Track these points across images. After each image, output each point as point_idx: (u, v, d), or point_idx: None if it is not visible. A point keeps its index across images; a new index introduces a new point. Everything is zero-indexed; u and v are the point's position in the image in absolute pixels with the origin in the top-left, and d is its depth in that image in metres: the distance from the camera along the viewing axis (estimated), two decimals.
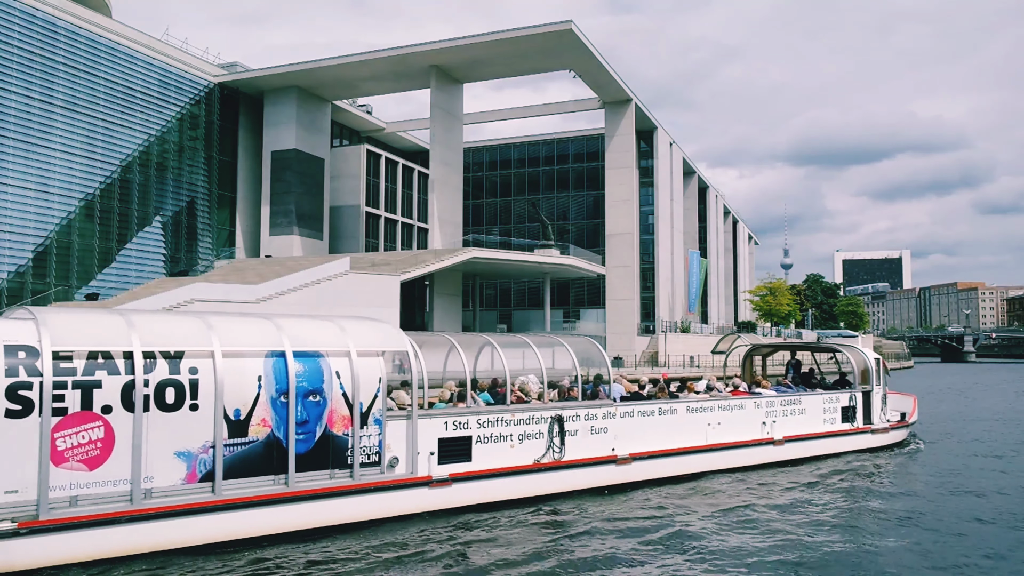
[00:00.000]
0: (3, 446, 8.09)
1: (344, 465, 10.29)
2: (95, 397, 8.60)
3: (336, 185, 60.38)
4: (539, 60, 51.73)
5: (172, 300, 35.30)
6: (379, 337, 11.28)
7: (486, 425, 11.77)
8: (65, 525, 8.30)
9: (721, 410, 15.13)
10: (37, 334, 8.56)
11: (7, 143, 40.09)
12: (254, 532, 9.59)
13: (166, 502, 8.95)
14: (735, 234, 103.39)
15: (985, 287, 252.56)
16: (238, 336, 9.98)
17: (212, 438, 9.31)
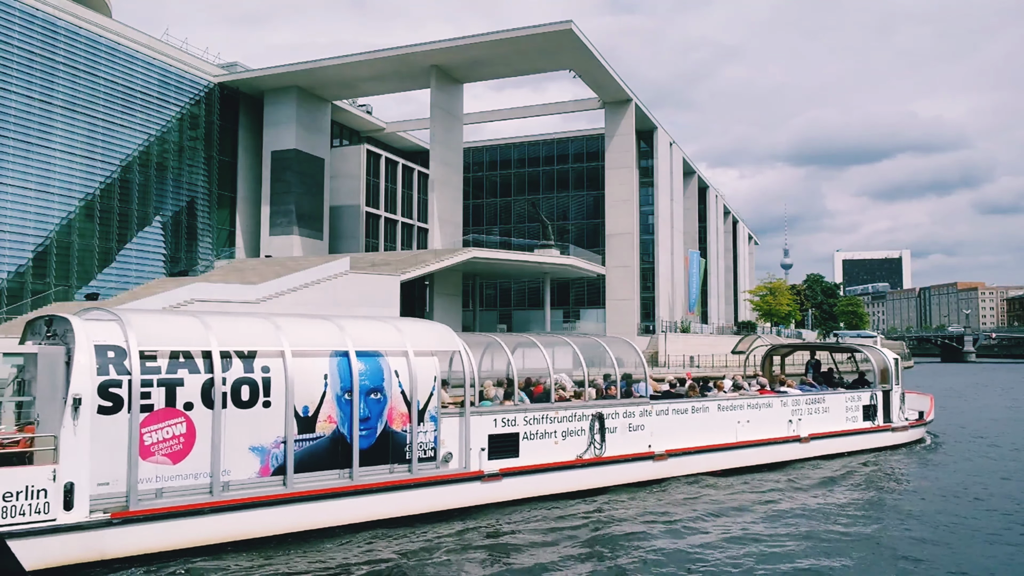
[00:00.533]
0: (96, 441, 8.46)
1: (403, 460, 10.75)
2: (178, 394, 9.06)
3: (336, 185, 60.37)
4: (539, 60, 51.73)
5: (172, 300, 35.28)
6: (434, 338, 11.79)
7: (532, 422, 12.20)
8: (153, 516, 8.70)
9: (750, 408, 15.62)
10: (124, 335, 9.03)
11: (7, 143, 40.09)
12: (321, 524, 9.96)
13: (242, 494, 9.34)
14: (735, 234, 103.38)
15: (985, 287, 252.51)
16: (305, 337, 10.44)
17: (283, 434, 9.74)
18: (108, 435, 8.57)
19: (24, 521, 7.94)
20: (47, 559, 8.06)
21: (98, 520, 8.37)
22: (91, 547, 8.36)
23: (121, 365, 8.77)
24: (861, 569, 9.23)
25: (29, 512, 7.97)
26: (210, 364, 9.33)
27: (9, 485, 7.90)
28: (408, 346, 11.09)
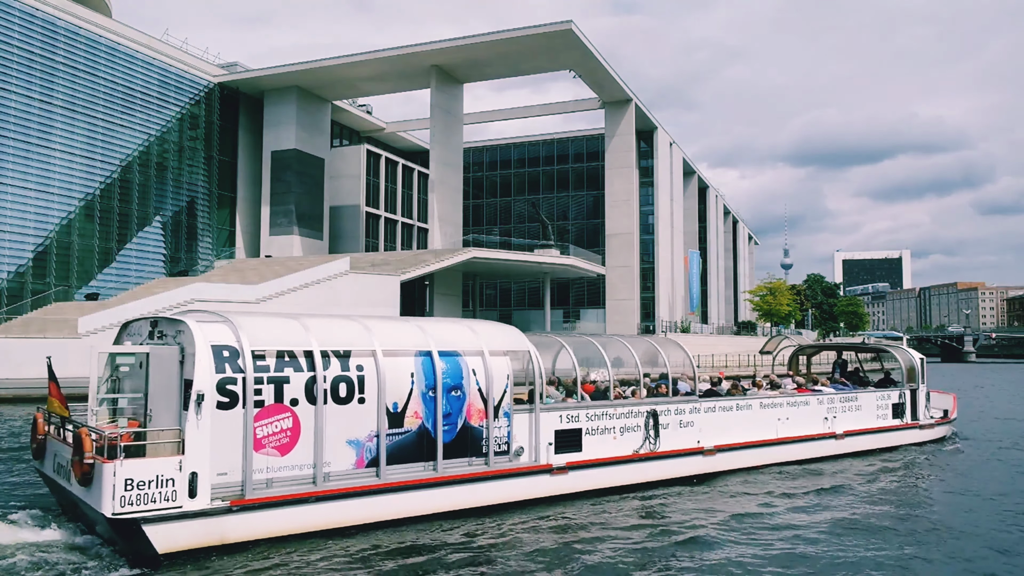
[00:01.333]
0: (216, 434, 9.11)
1: (480, 453, 11.40)
2: (285, 391, 9.71)
3: (336, 185, 60.37)
4: (539, 60, 51.74)
5: (172, 300, 35.31)
6: (506, 338, 12.50)
7: (593, 419, 12.89)
8: (265, 504, 9.37)
9: (789, 406, 16.31)
10: (236, 336, 9.60)
11: (7, 143, 40.10)
12: (409, 513, 10.60)
13: (341, 485, 10.03)
14: (735, 234, 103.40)
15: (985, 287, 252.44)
16: (393, 338, 11.09)
17: (376, 428, 10.42)
18: (225, 429, 9.22)
19: (155, 508, 8.60)
20: (176, 543, 8.72)
21: (219, 507, 9.03)
22: (213, 532, 9.02)
23: (235, 364, 9.40)
24: (908, 562, 9.68)
25: (159, 500, 8.64)
26: (312, 363, 9.98)
27: (143, 474, 8.55)
28: (484, 346, 11.79)
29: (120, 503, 8.38)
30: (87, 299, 41.94)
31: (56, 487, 10.12)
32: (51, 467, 10.15)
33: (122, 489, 8.41)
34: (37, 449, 10.53)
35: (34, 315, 38.35)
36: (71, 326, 33.11)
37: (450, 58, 50.95)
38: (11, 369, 30.64)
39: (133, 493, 8.48)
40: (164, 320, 10.38)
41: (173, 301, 35.25)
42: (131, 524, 8.42)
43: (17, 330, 35.00)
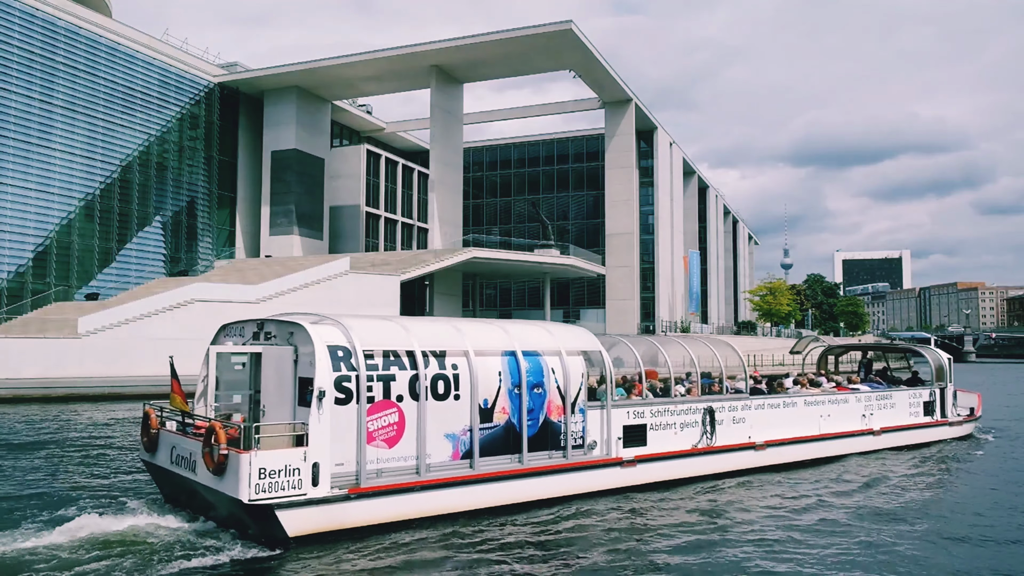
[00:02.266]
0: (335, 427, 9.87)
1: (558, 447, 12.18)
2: (392, 388, 10.51)
3: (336, 185, 60.35)
4: (539, 60, 51.73)
5: (172, 300, 35.31)
6: (580, 339, 13.29)
7: (656, 415, 13.77)
8: (377, 492, 10.15)
9: (830, 403, 17.16)
10: (348, 337, 10.35)
11: (7, 143, 40.10)
12: (498, 502, 11.31)
13: (440, 475, 10.78)
14: (735, 234, 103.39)
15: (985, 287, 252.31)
16: (482, 339, 11.85)
17: (469, 423, 11.20)
18: (342, 422, 9.99)
19: (285, 495, 9.36)
20: (303, 527, 9.49)
21: (338, 495, 9.79)
22: (334, 518, 9.80)
23: (349, 363, 10.16)
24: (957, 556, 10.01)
25: (287, 487, 9.38)
26: (414, 362, 10.75)
27: (274, 464, 9.28)
28: (560, 346, 12.58)
29: (255, 490, 9.11)
30: (87, 299, 41.93)
31: (170, 477, 10.75)
32: (166, 459, 10.75)
33: (256, 477, 9.13)
34: (149, 443, 11.16)
35: (34, 315, 38.34)
36: (71, 326, 33.11)
37: (450, 58, 50.94)
38: (11, 369, 30.65)
39: (266, 481, 9.22)
40: (271, 322, 11.19)
41: (173, 301, 35.25)
42: (265, 509, 9.20)
43: (17, 330, 34.99)
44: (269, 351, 10.78)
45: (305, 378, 10.06)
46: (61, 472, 13.93)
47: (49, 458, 15.39)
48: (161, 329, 34.45)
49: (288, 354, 10.42)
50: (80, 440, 18.15)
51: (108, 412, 24.33)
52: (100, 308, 35.72)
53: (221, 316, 38.67)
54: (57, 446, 17.02)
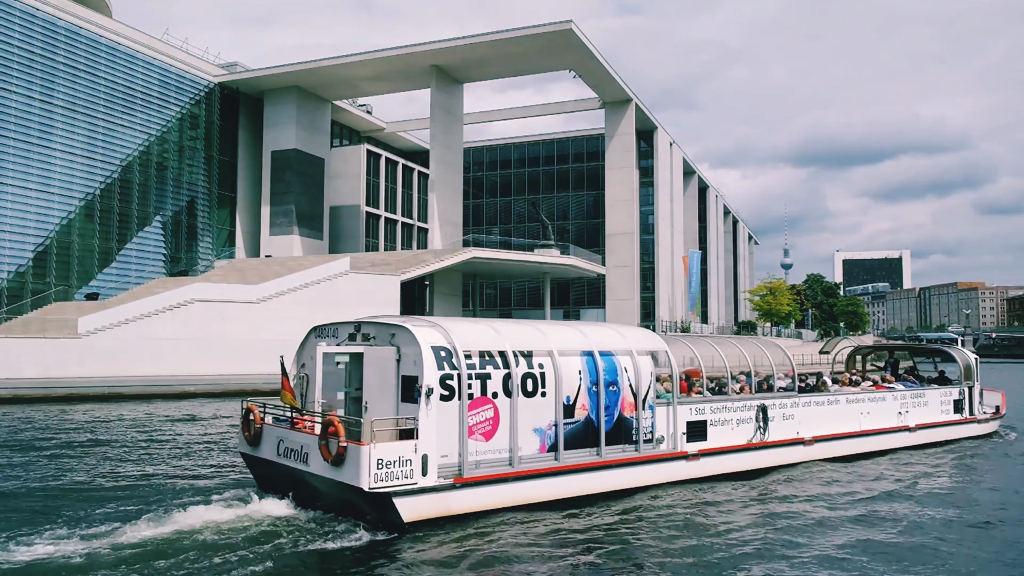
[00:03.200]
0: (440, 422, 10.69)
1: (631, 441, 13.08)
2: (488, 386, 11.34)
3: (336, 185, 60.35)
4: (539, 60, 51.72)
5: (172, 300, 35.32)
6: (647, 340, 14.28)
7: (715, 412, 14.62)
8: (478, 482, 10.97)
9: (870, 401, 18.13)
10: (448, 338, 11.18)
11: (7, 143, 40.10)
12: (579, 492, 12.14)
13: (530, 467, 11.61)
14: (735, 234, 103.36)
15: (985, 287, 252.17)
16: (563, 340, 12.71)
17: (554, 418, 12.03)
18: (446, 417, 10.80)
19: (399, 484, 10.18)
20: (416, 513, 10.30)
21: (444, 484, 10.61)
22: (441, 505, 10.61)
23: (451, 362, 10.96)
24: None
25: (401, 477, 10.20)
26: (506, 362, 11.60)
27: (389, 455, 10.12)
28: (631, 347, 13.47)
29: (374, 479, 9.96)
30: (87, 299, 41.94)
31: (275, 469, 11.59)
32: (272, 452, 11.58)
33: (375, 468, 9.97)
34: (253, 437, 11.98)
35: (34, 315, 38.35)
36: (71, 326, 33.12)
37: (450, 58, 50.94)
38: (11, 369, 30.66)
39: (383, 471, 10.06)
40: (370, 324, 12.03)
41: (173, 301, 35.26)
42: (384, 497, 10.05)
43: (17, 330, 35.00)
44: (371, 351, 11.58)
45: (408, 376, 10.91)
46: (151, 466, 14.72)
47: (133, 454, 16.21)
48: (161, 329, 34.45)
49: (391, 354, 11.21)
50: (149, 437, 18.92)
51: (147, 411, 24.93)
52: (100, 308, 35.72)
53: (221, 316, 38.78)
54: (127, 444, 17.71)
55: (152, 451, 16.78)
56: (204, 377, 33.67)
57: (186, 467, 14.88)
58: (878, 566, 9.42)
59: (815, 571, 9.20)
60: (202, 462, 15.50)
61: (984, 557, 9.98)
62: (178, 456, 16.21)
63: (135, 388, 29.37)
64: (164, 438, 18.85)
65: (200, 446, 17.77)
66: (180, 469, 14.62)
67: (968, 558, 9.89)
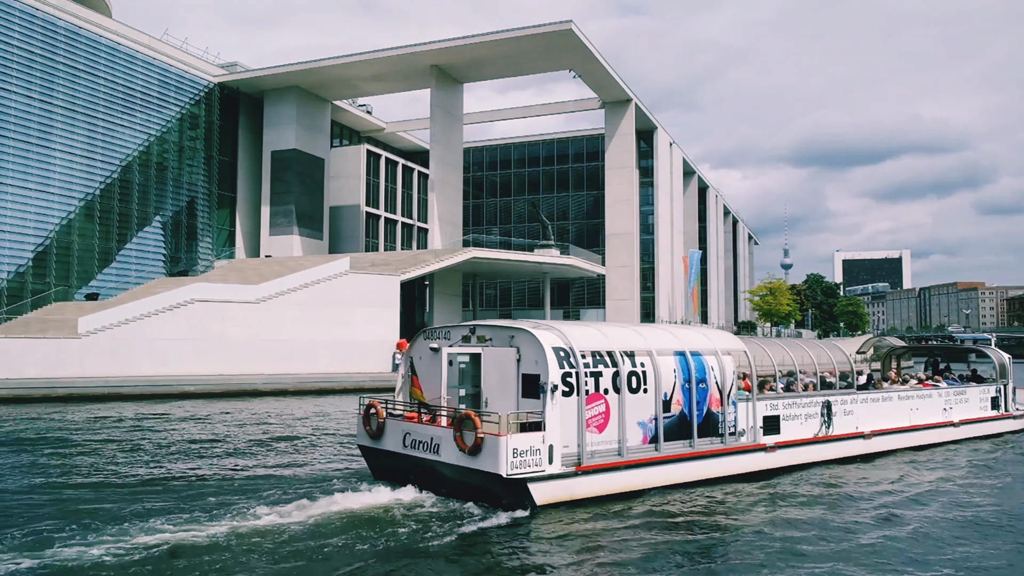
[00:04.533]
0: (563, 416, 11.79)
1: (717, 434, 14.20)
2: (600, 383, 12.46)
3: (336, 185, 60.36)
4: (539, 60, 51.73)
5: (172, 300, 35.32)
6: (729, 341, 15.52)
7: (787, 407, 15.76)
8: (594, 470, 12.13)
9: (919, 398, 19.32)
10: (566, 340, 12.27)
11: (7, 143, 40.10)
12: (675, 480, 13.31)
13: (636, 456, 12.77)
14: (735, 234, 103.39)
15: (985, 287, 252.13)
16: (659, 341, 13.89)
17: (654, 413, 13.20)
18: (567, 412, 11.88)
19: (533, 470, 11.30)
20: (546, 497, 11.44)
21: (568, 471, 11.74)
22: (565, 490, 11.76)
23: (569, 362, 12.04)
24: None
25: (532, 465, 11.30)
26: (614, 361, 12.78)
27: (522, 446, 11.21)
28: (716, 347, 14.65)
29: (510, 467, 11.05)
30: (87, 299, 41.95)
31: (399, 459, 12.70)
32: (397, 444, 12.73)
33: (511, 456, 11.05)
34: (375, 431, 13.13)
35: (34, 315, 38.35)
36: (71, 326, 33.12)
37: (450, 58, 50.95)
38: (11, 369, 30.67)
39: (517, 459, 11.13)
40: (486, 327, 13.16)
41: (173, 301, 35.26)
42: (520, 483, 11.14)
43: (17, 330, 35.00)
44: (490, 352, 12.77)
45: (528, 375, 12.05)
46: (263, 461, 15.77)
47: (238, 450, 17.37)
48: (161, 329, 34.47)
49: (511, 355, 12.40)
50: (241, 434, 20.18)
51: (225, 409, 25.93)
52: (100, 308, 35.73)
53: (221, 316, 38.70)
54: (238, 440, 18.96)
55: (269, 446, 18.09)
56: (204, 377, 33.67)
57: (304, 460, 16.11)
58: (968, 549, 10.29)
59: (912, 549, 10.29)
60: (317, 455, 16.87)
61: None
62: (299, 449, 17.68)
63: (135, 388, 29.38)
64: (266, 435, 20.10)
65: (303, 440, 19.25)
66: (299, 462, 15.79)
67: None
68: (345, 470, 14.55)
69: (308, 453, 17.08)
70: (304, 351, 37.96)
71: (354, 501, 11.46)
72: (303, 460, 16.03)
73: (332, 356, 38.84)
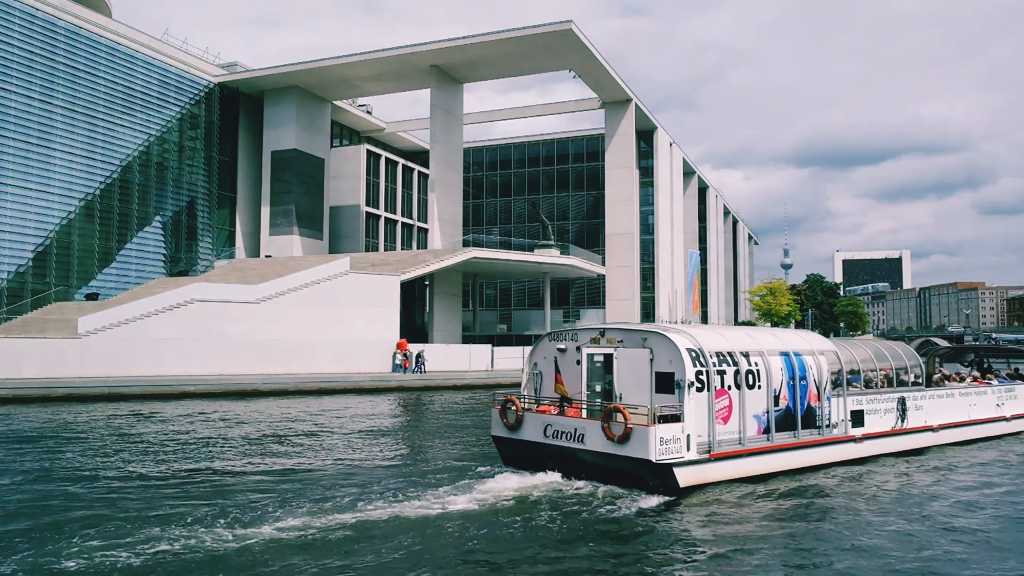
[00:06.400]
0: (697, 409, 13.32)
1: (815, 426, 15.73)
2: (724, 380, 14.01)
3: (336, 185, 60.35)
4: (539, 60, 51.70)
5: (172, 300, 35.31)
6: (822, 342, 17.15)
7: (870, 403, 17.26)
8: (723, 457, 13.68)
9: (976, 395, 20.91)
10: (696, 342, 13.74)
11: (7, 143, 40.10)
12: (784, 467, 14.93)
13: (753, 446, 14.35)
14: (735, 234, 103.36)
15: (985, 287, 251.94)
16: (768, 342, 15.50)
17: (767, 407, 14.77)
18: (699, 405, 13.39)
19: (676, 457, 12.80)
20: (687, 480, 12.93)
21: (702, 458, 13.28)
22: (700, 474, 13.28)
23: (700, 361, 13.55)
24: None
25: (674, 452, 12.80)
26: (735, 360, 14.33)
27: (667, 435, 12.72)
28: (813, 347, 16.29)
29: (658, 454, 12.55)
30: (87, 299, 41.95)
31: (537, 448, 14.10)
32: (538, 434, 14.15)
33: (659, 444, 12.56)
34: (514, 423, 14.56)
35: (34, 315, 38.35)
36: (71, 326, 33.13)
37: (450, 58, 50.93)
38: (11, 369, 30.67)
39: (663, 447, 12.64)
40: (617, 330, 14.69)
41: (173, 301, 35.26)
42: (667, 467, 12.65)
43: (17, 330, 35.01)
44: (624, 352, 14.29)
45: (661, 372, 13.57)
46: (398, 454, 17.27)
47: (372, 441, 18.88)
48: (161, 329, 34.46)
49: (645, 355, 13.90)
50: (354, 428, 21.72)
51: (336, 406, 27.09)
52: (100, 308, 35.73)
53: (221, 316, 38.67)
54: (353, 434, 20.42)
55: (400, 436, 20.06)
56: (204, 377, 33.67)
57: (429, 450, 17.86)
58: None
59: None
60: (451, 445, 18.56)
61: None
62: (437, 435, 19.87)
63: (135, 388, 29.37)
64: (375, 426, 21.97)
65: (408, 432, 21.13)
66: (430, 452, 17.46)
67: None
68: (477, 457, 16.30)
69: (430, 443, 18.88)
70: (304, 351, 37.97)
71: (504, 484, 12.98)
72: (430, 450, 17.77)
73: (332, 356, 38.84)
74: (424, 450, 17.84)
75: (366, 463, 15.76)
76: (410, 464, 15.62)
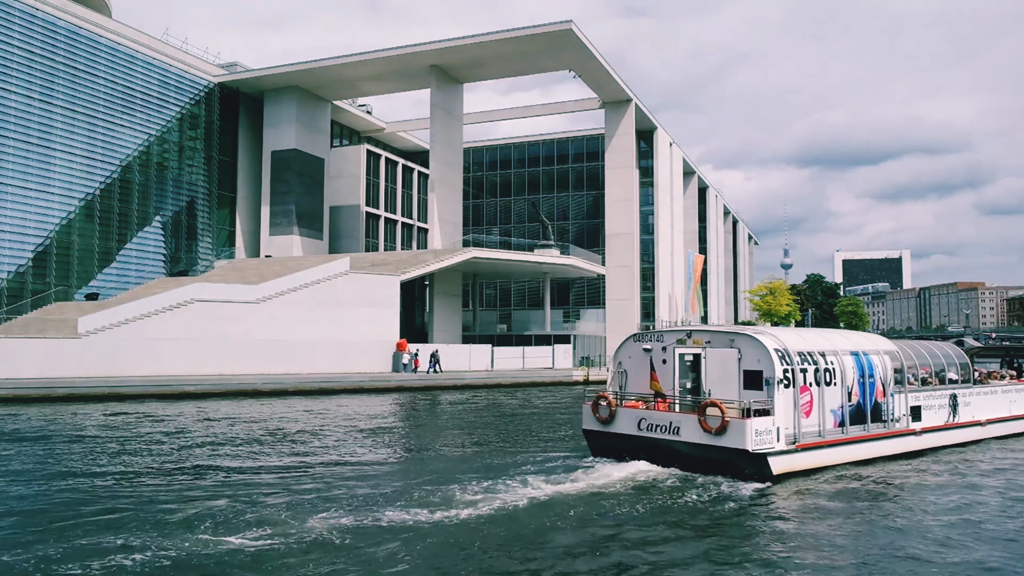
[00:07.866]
0: (784, 404, 14.52)
1: (881, 420, 17.07)
2: (806, 377, 15.16)
3: (336, 185, 60.35)
4: (539, 60, 51.70)
5: (172, 300, 35.32)
6: (885, 342, 18.45)
7: (926, 399, 18.54)
8: (807, 448, 14.88)
9: (1017, 392, 22.49)
10: (781, 343, 15.01)
11: (7, 143, 40.10)
12: (857, 457, 16.10)
13: (831, 437, 15.59)
14: (735, 234, 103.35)
15: (985, 287, 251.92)
16: (840, 343, 16.85)
17: (841, 402, 15.99)
18: (786, 400, 14.60)
19: (768, 447, 13.97)
20: (779, 468, 14.08)
21: (790, 448, 14.43)
22: (789, 463, 14.41)
23: (786, 360, 14.75)
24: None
25: (767, 442, 13.95)
26: (813, 359, 15.52)
27: (761, 427, 13.85)
28: (878, 348, 17.60)
29: (754, 444, 13.69)
30: (87, 299, 41.95)
31: (627, 440, 15.22)
32: (631, 427, 15.24)
33: (755, 436, 13.71)
34: (607, 417, 15.60)
35: (34, 315, 38.36)
36: (71, 326, 33.13)
37: (450, 58, 50.93)
38: (11, 369, 30.67)
39: (759, 438, 13.79)
40: (703, 332, 15.86)
41: (173, 301, 35.27)
42: (762, 457, 13.81)
43: (17, 330, 35.01)
44: (712, 352, 15.47)
45: (750, 370, 14.74)
46: (490, 447, 18.34)
47: (462, 438, 20.05)
48: (161, 329, 34.47)
49: (733, 354, 15.09)
50: (440, 423, 23.57)
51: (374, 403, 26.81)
52: (100, 308, 35.73)
53: (221, 316, 38.64)
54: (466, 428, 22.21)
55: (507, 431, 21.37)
56: (204, 377, 33.68)
57: (528, 442, 19.14)
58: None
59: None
60: (541, 438, 20.13)
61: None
62: (525, 430, 21.29)
63: (135, 388, 29.37)
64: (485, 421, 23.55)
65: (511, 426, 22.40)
66: (524, 446, 18.53)
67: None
68: (567, 450, 17.35)
69: (519, 438, 19.99)
70: (304, 351, 37.97)
71: (603, 475, 13.95)
72: (523, 444, 18.89)
73: (332, 356, 38.84)
74: (488, 443, 18.95)
75: (411, 459, 16.76)
76: (485, 457, 16.61)
